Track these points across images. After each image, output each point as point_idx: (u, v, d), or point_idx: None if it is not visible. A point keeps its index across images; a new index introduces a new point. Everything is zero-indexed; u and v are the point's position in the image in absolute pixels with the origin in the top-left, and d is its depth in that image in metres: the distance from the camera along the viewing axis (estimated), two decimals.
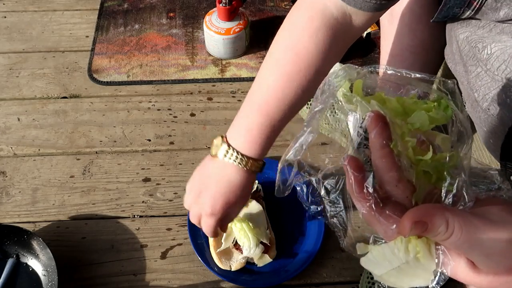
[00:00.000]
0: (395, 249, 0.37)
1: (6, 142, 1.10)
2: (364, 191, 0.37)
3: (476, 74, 0.66)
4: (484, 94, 0.66)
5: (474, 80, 0.67)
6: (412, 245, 0.37)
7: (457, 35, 0.69)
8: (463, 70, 0.70)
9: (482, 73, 0.65)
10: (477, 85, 0.67)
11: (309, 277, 0.90)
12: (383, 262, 0.37)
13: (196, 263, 0.92)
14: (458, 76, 0.73)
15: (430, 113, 0.37)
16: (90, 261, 0.92)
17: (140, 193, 1.02)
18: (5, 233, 0.89)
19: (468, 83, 0.69)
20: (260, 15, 1.38)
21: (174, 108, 1.16)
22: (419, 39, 0.87)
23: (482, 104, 0.67)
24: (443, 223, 0.35)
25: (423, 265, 0.36)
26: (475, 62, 0.66)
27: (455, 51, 0.72)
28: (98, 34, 1.32)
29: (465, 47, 0.68)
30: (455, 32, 0.70)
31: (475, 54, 0.65)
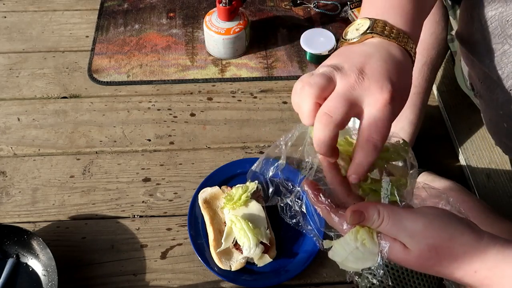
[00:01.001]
0: (348, 240, 0.49)
1: (6, 142, 1.10)
2: (319, 199, 0.51)
3: (503, 52, 0.67)
4: (510, 72, 0.66)
5: (500, 58, 0.67)
6: (359, 234, 0.48)
7: (483, 13, 0.68)
8: (484, 50, 0.70)
9: (509, 50, 0.66)
10: (502, 62, 0.67)
11: (309, 277, 0.90)
12: (342, 251, 0.50)
13: (196, 263, 0.92)
14: (478, 56, 0.72)
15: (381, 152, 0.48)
16: (90, 261, 0.92)
17: (140, 193, 1.02)
18: (5, 233, 0.89)
19: (491, 62, 0.69)
20: (260, 15, 1.38)
21: (174, 108, 1.16)
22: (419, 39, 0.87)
23: (506, 82, 0.67)
24: (376, 213, 0.47)
25: (369, 249, 0.48)
26: (501, 39, 0.66)
27: (476, 31, 0.71)
28: (98, 34, 1.32)
29: (491, 24, 0.67)
30: (480, 10, 0.69)
31: (504, 31, 0.65)
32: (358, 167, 0.47)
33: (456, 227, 0.46)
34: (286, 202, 0.56)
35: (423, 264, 0.47)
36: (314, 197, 0.51)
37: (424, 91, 0.93)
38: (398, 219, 0.46)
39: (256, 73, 1.24)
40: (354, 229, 0.48)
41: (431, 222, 0.46)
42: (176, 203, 1.00)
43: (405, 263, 0.47)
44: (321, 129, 0.45)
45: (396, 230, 0.46)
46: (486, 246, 0.46)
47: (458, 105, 1.13)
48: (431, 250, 0.46)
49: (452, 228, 0.46)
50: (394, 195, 0.49)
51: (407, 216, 0.46)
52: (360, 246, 0.48)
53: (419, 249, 0.46)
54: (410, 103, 0.93)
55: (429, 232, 0.46)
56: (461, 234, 0.46)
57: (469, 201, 0.87)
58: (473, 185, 1.01)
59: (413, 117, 0.94)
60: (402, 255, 0.47)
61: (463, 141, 1.08)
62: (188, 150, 1.09)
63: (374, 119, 0.46)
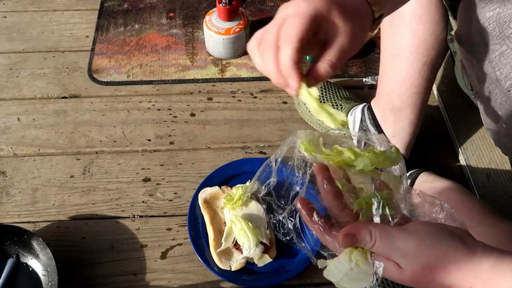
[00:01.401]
0: (342, 260, 0.49)
1: (6, 142, 1.10)
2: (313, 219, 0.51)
3: (501, 53, 0.67)
4: (508, 73, 0.66)
5: (498, 59, 0.67)
6: (353, 255, 0.48)
7: (481, 14, 0.68)
8: (483, 50, 0.70)
9: (507, 51, 0.66)
10: (500, 63, 0.67)
11: (309, 277, 0.90)
12: (336, 272, 0.49)
13: (196, 263, 0.92)
14: (476, 57, 0.72)
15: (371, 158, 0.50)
16: (90, 261, 0.92)
17: (140, 193, 1.02)
18: (5, 233, 0.89)
19: (490, 62, 0.69)
20: (260, 15, 1.38)
21: (174, 108, 1.16)
22: (419, 39, 0.87)
23: (505, 83, 0.67)
24: (368, 234, 0.47)
25: (364, 270, 0.48)
26: (499, 40, 0.66)
27: (474, 32, 0.71)
28: (98, 34, 1.32)
29: (490, 25, 0.67)
30: (478, 11, 0.69)
31: (503, 31, 0.65)
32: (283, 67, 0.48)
33: (449, 243, 0.46)
34: (278, 219, 0.56)
35: (418, 282, 0.47)
36: (307, 217, 0.51)
37: (424, 91, 0.93)
38: (390, 239, 0.46)
39: (256, 73, 1.24)
40: (348, 250, 0.49)
41: (423, 241, 0.46)
42: (176, 203, 1.00)
43: (400, 281, 0.47)
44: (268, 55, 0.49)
45: (389, 250, 0.46)
46: (480, 260, 0.46)
47: (458, 105, 1.13)
48: (425, 269, 0.46)
49: (445, 245, 0.46)
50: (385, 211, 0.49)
51: (399, 235, 0.46)
52: (355, 267, 0.48)
53: (412, 269, 0.46)
54: (410, 103, 0.93)
55: (422, 251, 0.46)
56: (454, 251, 0.46)
57: (469, 201, 0.87)
58: (473, 185, 1.01)
59: (413, 117, 0.94)
60: (396, 274, 0.47)
61: (463, 141, 1.08)
62: (188, 150, 1.09)
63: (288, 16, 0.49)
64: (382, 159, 0.52)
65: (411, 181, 0.96)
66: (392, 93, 0.94)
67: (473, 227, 0.79)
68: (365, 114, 1.00)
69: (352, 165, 0.52)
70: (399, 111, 0.94)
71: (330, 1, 0.48)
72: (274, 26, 0.49)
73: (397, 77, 0.92)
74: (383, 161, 0.52)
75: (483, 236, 0.76)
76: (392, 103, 0.95)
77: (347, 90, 1.15)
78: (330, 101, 1.10)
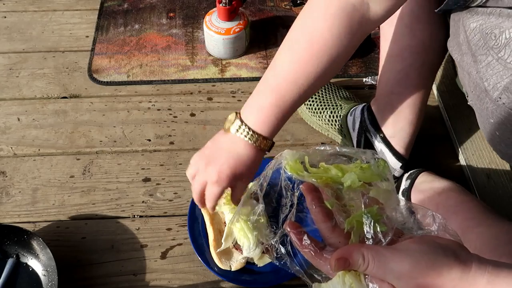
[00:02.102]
0: (336, 283, 0.47)
1: (6, 142, 1.10)
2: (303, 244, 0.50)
3: (487, 63, 0.66)
4: (495, 83, 0.66)
5: (485, 69, 0.67)
6: (346, 278, 0.47)
7: (467, 25, 0.69)
8: (471, 60, 0.70)
9: (493, 62, 0.65)
10: (487, 74, 0.67)
11: None
12: None
13: (196, 263, 0.92)
14: (466, 67, 0.73)
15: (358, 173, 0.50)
16: (90, 261, 0.92)
17: (140, 193, 1.02)
18: (5, 233, 0.89)
19: (478, 73, 0.69)
20: (260, 15, 1.38)
21: (174, 108, 1.16)
22: (418, 39, 0.87)
23: (493, 93, 0.67)
24: (360, 257, 0.46)
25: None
26: (485, 51, 0.66)
27: (462, 42, 0.72)
28: (98, 34, 1.32)
29: (475, 36, 0.67)
30: (464, 22, 0.70)
31: (487, 42, 0.65)
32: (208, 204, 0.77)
33: (443, 261, 0.45)
34: (271, 243, 0.57)
35: None
36: (297, 241, 0.51)
37: (423, 91, 0.93)
38: (383, 261, 0.45)
39: (256, 73, 1.24)
40: (341, 273, 0.47)
41: (417, 262, 0.45)
42: (176, 203, 1.00)
43: None
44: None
45: (383, 272, 0.46)
46: (475, 277, 0.45)
47: (458, 105, 1.13)
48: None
49: (440, 264, 0.45)
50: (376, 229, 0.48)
51: (393, 257, 0.45)
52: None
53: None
54: (410, 103, 0.93)
55: (417, 272, 0.45)
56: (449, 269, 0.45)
57: (469, 201, 0.87)
58: (473, 185, 1.01)
59: (413, 117, 0.94)
60: None
61: (463, 141, 1.08)
62: (188, 150, 1.09)
63: (207, 190, 0.75)
64: (369, 174, 0.51)
65: (411, 181, 0.96)
66: (392, 93, 0.94)
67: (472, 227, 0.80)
68: (364, 115, 1.00)
69: (340, 182, 0.51)
70: (399, 111, 0.94)
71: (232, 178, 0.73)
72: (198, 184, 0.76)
73: (397, 77, 0.92)
74: (370, 175, 0.51)
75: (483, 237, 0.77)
76: (391, 103, 0.95)
77: (347, 90, 1.15)
78: (330, 101, 1.10)
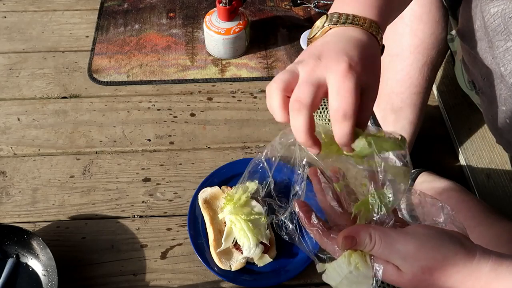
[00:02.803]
0: (341, 263, 0.48)
1: (6, 142, 1.10)
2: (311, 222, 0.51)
3: (506, 49, 0.67)
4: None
5: (502, 54, 0.67)
6: (352, 258, 0.48)
7: (486, 10, 0.69)
8: (487, 46, 0.70)
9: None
10: (505, 59, 0.67)
11: (309, 277, 0.90)
12: (335, 275, 0.49)
13: (196, 263, 0.92)
14: (480, 53, 0.73)
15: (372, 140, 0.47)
16: (90, 261, 0.92)
17: (140, 193, 1.02)
18: (5, 233, 0.89)
19: (494, 58, 0.69)
20: (260, 15, 1.38)
21: (174, 108, 1.16)
22: (419, 39, 0.87)
23: (509, 79, 0.67)
24: (367, 236, 0.47)
25: (363, 273, 0.47)
26: (505, 36, 0.66)
27: (478, 28, 0.72)
28: (98, 34, 1.32)
29: (494, 21, 0.68)
30: (482, 8, 0.70)
31: (507, 27, 0.66)
32: (341, 140, 0.47)
33: (449, 246, 0.46)
34: (280, 219, 0.56)
35: (417, 286, 0.47)
36: (305, 220, 0.51)
37: (424, 90, 0.93)
38: (390, 242, 0.46)
39: (256, 73, 1.24)
40: (347, 253, 0.48)
41: (423, 244, 0.46)
42: (176, 203, 1.00)
43: (399, 284, 0.47)
44: (295, 117, 0.46)
45: (388, 252, 0.46)
46: (479, 263, 0.46)
47: (458, 105, 1.13)
48: (425, 272, 0.46)
49: (445, 249, 0.46)
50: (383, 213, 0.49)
51: (399, 238, 0.46)
52: (354, 270, 0.47)
53: (412, 272, 0.46)
54: (410, 103, 0.93)
55: (422, 254, 0.46)
56: (454, 254, 0.46)
57: (469, 201, 0.87)
58: (473, 185, 1.01)
59: (413, 117, 0.94)
60: (395, 277, 0.47)
61: (463, 141, 1.08)
62: (188, 150, 1.09)
63: (337, 90, 0.46)
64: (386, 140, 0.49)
65: (411, 181, 0.96)
66: (392, 92, 0.94)
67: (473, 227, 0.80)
68: None
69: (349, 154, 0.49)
70: (399, 111, 0.94)
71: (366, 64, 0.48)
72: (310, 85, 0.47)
73: (397, 77, 0.92)
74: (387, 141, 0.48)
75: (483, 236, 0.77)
76: (392, 102, 0.95)
77: None
78: None
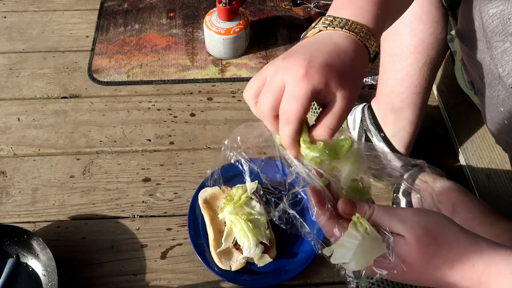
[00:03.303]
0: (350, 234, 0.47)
1: (6, 142, 1.10)
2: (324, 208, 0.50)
3: (503, 50, 0.67)
4: (511, 69, 0.67)
5: (500, 55, 0.68)
6: (359, 225, 0.48)
7: (484, 11, 0.69)
8: (485, 47, 0.70)
9: (510, 48, 0.66)
10: (503, 60, 0.67)
11: (309, 277, 0.90)
12: (345, 251, 0.47)
13: (196, 263, 0.92)
14: (478, 54, 0.73)
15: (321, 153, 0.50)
16: (90, 261, 0.92)
17: (140, 193, 1.02)
18: (5, 233, 0.89)
19: (492, 59, 0.69)
20: (260, 15, 1.38)
21: (174, 108, 1.16)
22: (419, 39, 0.87)
23: (507, 80, 0.68)
24: (366, 204, 0.50)
25: (374, 236, 0.47)
26: (502, 37, 0.67)
27: (476, 29, 0.72)
28: (98, 34, 1.32)
29: (493, 22, 0.68)
30: (481, 8, 0.70)
31: (506, 28, 0.66)
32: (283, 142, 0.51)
33: (440, 215, 0.50)
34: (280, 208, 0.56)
35: (424, 253, 0.47)
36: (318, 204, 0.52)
37: (424, 91, 0.93)
38: (388, 208, 0.49)
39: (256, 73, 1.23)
40: (351, 223, 0.48)
41: (419, 210, 0.50)
42: (176, 203, 1.00)
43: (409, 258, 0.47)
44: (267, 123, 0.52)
45: (388, 217, 0.48)
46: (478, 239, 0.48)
47: (458, 105, 1.13)
48: (427, 233, 0.47)
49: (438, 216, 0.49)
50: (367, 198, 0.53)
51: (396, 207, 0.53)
52: (365, 235, 0.47)
53: (415, 233, 0.47)
54: (410, 103, 0.93)
55: (421, 217, 0.48)
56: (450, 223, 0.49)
57: (469, 201, 0.87)
58: (473, 185, 1.01)
59: (413, 117, 0.94)
60: (404, 246, 0.47)
61: (463, 141, 1.08)
62: (188, 150, 1.09)
63: (287, 93, 0.48)
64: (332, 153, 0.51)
65: (411, 181, 0.96)
66: (392, 92, 0.94)
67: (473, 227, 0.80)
68: (365, 114, 1.00)
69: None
70: (399, 111, 0.94)
71: (328, 71, 0.47)
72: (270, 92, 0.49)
73: (397, 77, 0.92)
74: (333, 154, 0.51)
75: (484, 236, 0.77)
76: (392, 102, 0.95)
77: None
78: None
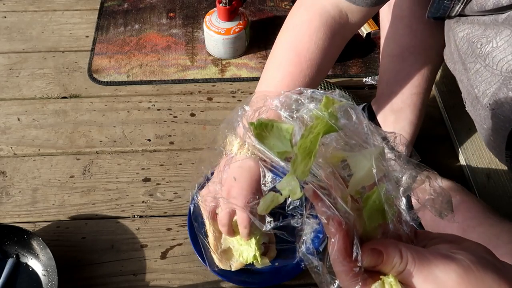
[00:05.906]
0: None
1: (6, 142, 1.10)
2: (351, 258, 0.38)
3: (476, 71, 0.67)
4: (485, 90, 0.67)
5: (474, 76, 0.68)
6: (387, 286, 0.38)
7: (456, 34, 0.70)
8: (462, 68, 0.71)
9: (481, 69, 0.66)
10: (477, 81, 0.68)
11: (309, 277, 0.90)
12: None
13: (196, 263, 0.92)
14: (458, 75, 0.74)
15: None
16: (90, 261, 0.92)
17: (140, 193, 1.02)
18: (5, 233, 0.89)
19: (468, 80, 0.70)
20: (260, 15, 1.38)
21: (174, 108, 1.16)
22: (419, 39, 0.87)
23: (483, 100, 0.68)
24: (397, 254, 0.38)
25: None
26: (473, 59, 0.67)
27: (453, 50, 0.73)
28: (98, 34, 1.32)
29: (464, 45, 0.69)
30: (453, 31, 0.71)
31: (474, 51, 0.66)
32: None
33: (494, 278, 0.38)
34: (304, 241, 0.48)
35: None
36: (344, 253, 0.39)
37: (424, 91, 0.93)
38: (426, 264, 0.37)
39: (256, 73, 1.24)
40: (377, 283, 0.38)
41: (466, 273, 0.38)
42: (176, 203, 1.00)
43: None
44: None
45: (424, 279, 0.38)
46: None
47: (458, 105, 1.13)
48: None
49: (490, 280, 0.38)
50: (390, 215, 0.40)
51: (437, 262, 0.38)
52: None
53: None
54: (410, 103, 0.93)
55: (465, 285, 0.37)
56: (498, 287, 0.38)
57: (469, 201, 0.87)
58: (473, 185, 1.01)
59: (413, 117, 0.95)
60: None
61: (463, 141, 1.08)
62: (188, 150, 1.09)
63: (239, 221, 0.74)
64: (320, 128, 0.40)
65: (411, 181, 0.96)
66: (392, 93, 0.94)
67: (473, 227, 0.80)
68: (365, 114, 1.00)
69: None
70: (399, 111, 0.94)
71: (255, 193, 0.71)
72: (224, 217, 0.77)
73: (397, 77, 0.92)
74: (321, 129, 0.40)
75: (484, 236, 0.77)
76: (392, 103, 0.95)
77: (347, 90, 1.15)
78: None
